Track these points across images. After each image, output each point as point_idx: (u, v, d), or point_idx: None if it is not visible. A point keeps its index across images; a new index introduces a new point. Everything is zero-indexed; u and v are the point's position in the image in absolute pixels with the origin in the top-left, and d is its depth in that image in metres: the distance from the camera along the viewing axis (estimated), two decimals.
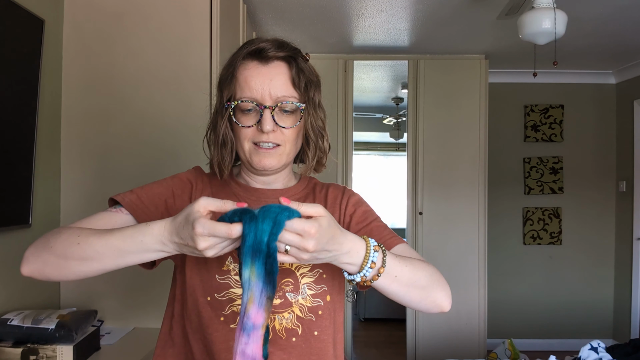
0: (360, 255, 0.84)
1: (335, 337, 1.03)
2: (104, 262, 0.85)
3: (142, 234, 0.82)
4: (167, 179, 1.06)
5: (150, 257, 0.84)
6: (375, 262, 0.85)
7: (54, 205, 1.97)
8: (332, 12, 3.18)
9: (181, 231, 0.78)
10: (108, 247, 0.84)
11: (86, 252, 0.85)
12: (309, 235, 0.75)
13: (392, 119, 6.26)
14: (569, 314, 4.64)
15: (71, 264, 0.86)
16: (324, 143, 1.04)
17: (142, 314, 1.97)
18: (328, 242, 0.78)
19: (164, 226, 0.81)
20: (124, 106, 2.00)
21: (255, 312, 0.74)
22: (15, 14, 1.65)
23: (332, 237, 0.79)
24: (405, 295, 0.92)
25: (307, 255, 0.77)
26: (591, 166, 4.69)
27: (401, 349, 4.32)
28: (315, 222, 0.76)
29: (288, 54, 0.98)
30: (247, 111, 0.97)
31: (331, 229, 0.79)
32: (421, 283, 0.92)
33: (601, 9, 3.07)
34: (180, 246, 0.80)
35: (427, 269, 0.94)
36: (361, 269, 0.84)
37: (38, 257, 0.88)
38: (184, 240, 0.77)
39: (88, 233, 0.86)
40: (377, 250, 0.85)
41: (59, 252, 0.86)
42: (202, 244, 0.75)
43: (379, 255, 0.85)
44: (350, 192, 1.10)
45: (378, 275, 0.86)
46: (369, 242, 0.85)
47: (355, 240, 0.84)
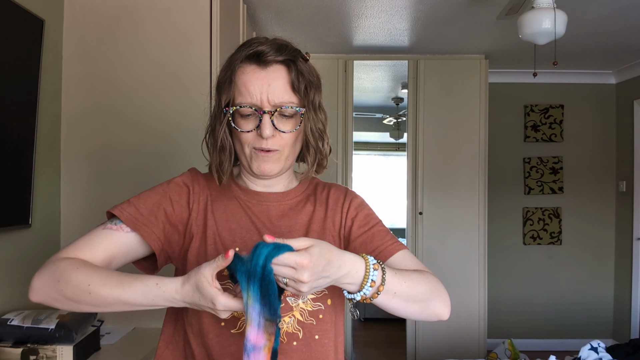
0: (360, 274, 0.84)
1: (336, 341, 1.03)
2: (115, 309, 0.88)
3: (153, 294, 0.84)
4: (162, 184, 1.04)
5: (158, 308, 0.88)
6: (375, 281, 0.84)
7: (54, 205, 1.97)
8: (332, 12, 3.17)
9: (198, 301, 0.82)
10: (119, 300, 0.86)
11: (97, 301, 0.87)
12: (301, 267, 0.76)
13: (392, 119, 6.26)
14: (569, 314, 4.64)
15: (83, 307, 0.89)
16: (324, 145, 1.03)
17: (142, 314, 1.97)
18: (324, 269, 0.79)
19: (175, 290, 0.83)
20: (124, 106, 2.00)
21: (254, 333, 0.76)
22: (15, 14, 1.65)
23: (328, 263, 0.79)
24: (404, 310, 0.92)
25: (305, 287, 0.78)
26: (591, 166, 4.69)
27: (401, 349, 4.32)
28: (306, 253, 0.77)
29: (287, 57, 0.96)
30: (246, 116, 0.96)
31: (324, 255, 0.79)
32: (420, 297, 0.92)
33: (601, 9, 3.07)
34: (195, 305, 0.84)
35: (426, 282, 0.94)
36: (361, 288, 0.84)
37: (47, 294, 0.89)
38: (202, 307, 0.83)
39: (98, 281, 0.87)
40: (376, 268, 0.85)
41: (70, 296, 0.88)
42: (224, 315, 0.82)
43: (378, 274, 0.85)
44: (352, 195, 1.10)
45: (377, 293, 0.86)
46: (368, 260, 0.85)
47: (354, 261, 0.84)
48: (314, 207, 1.06)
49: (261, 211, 1.03)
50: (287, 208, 1.05)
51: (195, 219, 1.01)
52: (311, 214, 1.05)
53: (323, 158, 1.04)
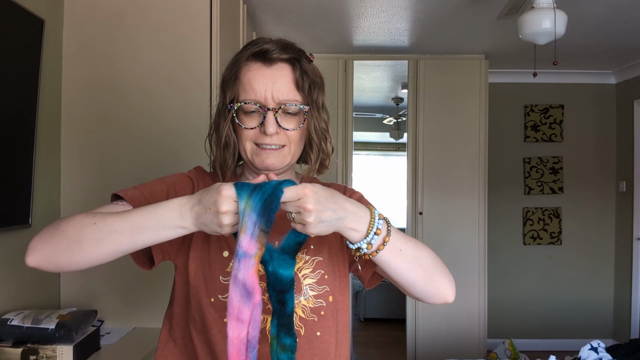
0: (365, 220, 0.85)
1: (337, 338, 1.03)
2: (120, 241, 0.84)
3: (162, 209, 0.84)
4: (169, 176, 1.06)
5: (167, 234, 0.84)
6: (381, 229, 0.85)
7: (54, 205, 1.97)
8: (332, 12, 3.18)
9: (204, 197, 0.81)
10: (126, 224, 0.83)
11: (102, 231, 0.83)
12: (305, 195, 0.79)
13: (392, 119, 6.26)
14: (569, 314, 4.64)
15: (84, 246, 0.84)
16: (327, 145, 1.04)
17: (142, 314, 1.97)
18: (327, 200, 0.81)
19: (185, 199, 0.84)
20: (124, 106, 2.00)
21: (247, 241, 0.78)
22: (15, 14, 1.65)
23: (331, 196, 0.82)
24: (410, 273, 0.91)
25: (311, 217, 0.79)
26: (591, 166, 4.69)
27: (401, 349, 4.32)
28: (307, 184, 0.81)
29: (292, 56, 0.97)
30: (250, 113, 0.96)
31: (326, 190, 0.82)
32: (425, 262, 0.93)
33: (601, 9, 3.07)
34: (200, 215, 0.81)
35: (430, 252, 0.95)
36: (366, 235, 0.85)
37: (47, 244, 0.86)
38: (205, 206, 0.80)
39: (104, 214, 0.86)
40: (382, 218, 0.86)
41: (72, 235, 0.84)
42: (225, 206, 0.78)
43: (383, 224, 0.86)
44: (351, 191, 1.10)
45: (383, 244, 0.86)
46: (374, 210, 0.87)
47: (359, 205, 0.86)
48: None
49: None
50: None
51: None
52: None
53: (326, 158, 1.05)
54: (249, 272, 0.77)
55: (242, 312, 0.77)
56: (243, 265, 0.77)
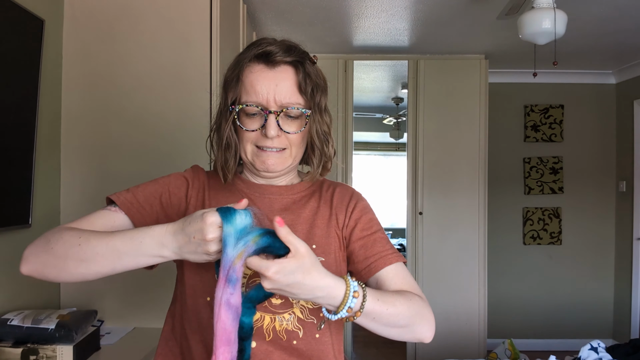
0: (337, 300, 0.82)
1: (333, 339, 1.02)
2: (102, 264, 0.85)
3: (142, 235, 0.83)
4: (163, 177, 1.05)
5: (145, 261, 0.85)
6: (352, 308, 0.83)
7: (54, 205, 1.97)
8: (332, 12, 3.17)
9: (187, 227, 0.80)
10: (107, 248, 0.84)
11: (86, 253, 0.85)
12: (264, 276, 0.76)
13: (392, 119, 6.26)
14: (569, 314, 4.64)
15: (69, 265, 0.86)
16: (329, 148, 1.03)
17: (142, 314, 1.97)
18: (290, 286, 0.77)
19: (166, 228, 0.83)
20: (124, 106, 2.00)
21: (239, 266, 0.77)
22: (15, 14, 1.65)
23: (297, 283, 0.77)
24: (383, 332, 0.91)
25: (266, 284, 0.77)
26: (591, 166, 4.69)
27: (401, 349, 4.32)
28: (274, 266, 0.75)
29: (295, 59, 0.96)
30: (251, 115, 0.96)
31: (297, 275, 0.77)
32: (402, 323, 0.91)
33: (601, 9, 3.07)
34: (183, 245, 0.81)
35: (412, 307, 0.92)
36: (337, 312, 0.83)
37: (37, 257, 0.88)
38: (189, 235, 0.80)
39: (89, 234, 0.87)
40: (356, 296, 0.82)
41: (59, 253, 0.86)
42: (212, 233, 0.78)
43: (357, 301, 0.83)
44: (358, 196, 1.09)
45: (354, 317, 0.85)
46: (349, 287, 0.82)
47: (334, 287, 0.82)
48: (318, 203, 1.06)
49: (264, 204, 1.03)
50: (291, 202, 1.04)
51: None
52: (315, 210, 1.04)
53: (327, 161, 1.04)
54: (239, 296, 0.78)
55: (231, 335, 0.78)
56: (236, 291, 0.77)
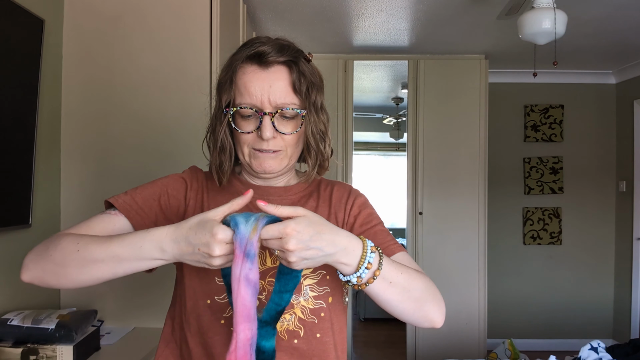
0: (356, 254, 0.82)
1: (335, 339, 1.01)
2: (102, 269, 0.84)
3: (141, 240, 0.82)
4: (162, 178, 1.05)
5: (145, 265, 0.84)
6: (372, 263, 0.82)
7: (54, 205, 1.97)
8: (332, 12, 3.18)
9: (193, 237, 0.77)
10: (107, 253, 0.83)
11: (85, 259, 0.84)
12: (286, 235, 0.75)
13: (392, 119, 6.26)
14: (569, 314, 4.64)
15: (69, 271, 0.86)
16: (325, 148, 1.02)
17: (142, 314, 1.97)
18: (312, 239, 0.77)
19: (166, 232, 0.81)
20: (124, 106, 2.00)
21: (255, 241, 0.75)
22: (15, 14, 1.65)
23: (317, 234, 0.77)
24: (399, 304, 0.89)
25: (293, 257, 0.76)
26: (591, 166, 4.69)
27: (401, 349, 4.32)
28: (291, 222, 0.76)
29: (289, 58, 0.94)
30: (246, 117, 0.95)
31: (314, 226, 0.77)
32: (416, 294, 0.90)
33: (601, 9, 3.07)
34: (184, 253, 0.79)
35: (423, 280, 0.92)
36: (357, 269, 0.82)
37: (37, 265, 0.88)
38: (194, 246, 0.77)
39: (87, 240, 0.86)
40: (374, 251, 0.83)
41: (58, 260, 0.86)
42: (219, 250, 0.75)
43: (375, 257, 0.83)
44: (356, 193, 1.09)
45: (374, 278, 0.83)
46: (366, 242, 0.83)
47: (351, 238, 0.82)
48: (317, 203, 1.05)
49: None
50: (289, 203, 1.04)
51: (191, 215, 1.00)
52: (314, 210, 1.03)
53: (324, 160, 1.03)
54: (257, 271, 0.76)
55: (251, 311, 0.75)
56: (254, 266, 0.75)
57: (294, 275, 0.81)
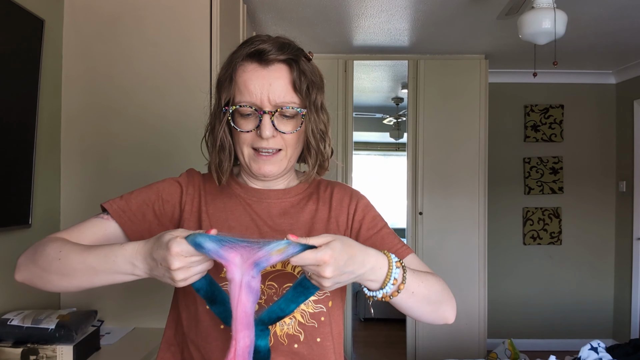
0: (383, 271, 0.84)
1: (334, 342, 1.01)
2: (79, 279, 0.85)
3: (114, 254, 0.82)
4: (157, 182, 1.04)
5: (120, 278, 0.84)
6: (397, 279, 0.85)
7: (54, 205, 1.97)
8: (332, 12, 3.17)
9: (155, 251, 0.77)
10: (85, 264, 0.84)
11: (66, 268, 0.85)
12: (324, 263, 0.76)
13: (392, 119, 6.26)
14: (569, 314, 4.64)
15: (52, 278, 0.87)
16: (325, 147, 1.01)
17: (142, 314, 1.97)
18: (346, 264, 0.78)
19: (136, 248, 0.81)
20: (124, 106, 2.00)
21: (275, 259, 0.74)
22: (15, 14, 1.65)
23: (350, 258, 0.79)
24: (418, 310, 0.93)
25: (328, 283, 0.78)
26: (591, 166, 4.69)
27: (401, 349, 4.32)
28: (328, 249, 0.76)
29: (289, 57, 0.93)
30: (246, 115, 0.94)
31: (347, 250, 0.79)
32: (434, 298, 0.94)
33: (601, 9, 3.07)
34: (152, 268, 0.79)
35: (439, 283, 0.96)
36: (383, 286, 0.84)
37: (26, 267, 0.90)
38: (157, 261, 0.77)
39: (69, 249, 0.87)
40: (398, 266, 0.85)
41: (43, 266, 0.88)
42: (176, 263, 0.74)
43: (400, 272, 0.85)
44: (358, 196, 1.08)
45: (398, 292, 0.86)
46: (391, 258, 0.85)
47: (378, 257, 0.84)
48: (316, 205, 1.04)
49: (262, 209, 1.02)
50: (289, 206, 1.03)
51: (187, 221, 1.00)
52: (314, 213, 1.03)
53: (324, 160, 1.02)
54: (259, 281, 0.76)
55: (251, 319, 0.76)
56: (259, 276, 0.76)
57: (311, 292, 0.83)
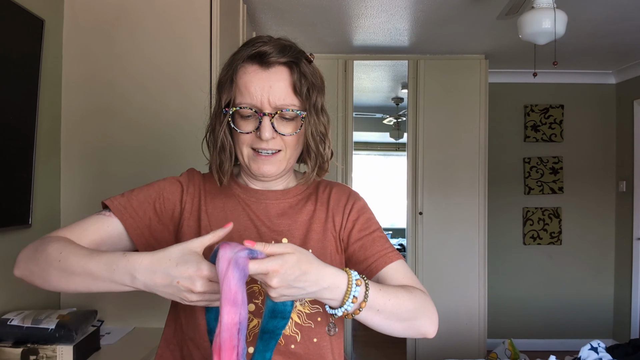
0: (341, 289, 0.81)
1: (332, 343, 1.01)
2: (77, 282, 0.85)
3: (116, 263, 0.81)
4: (159, 181, 1.04)
5: (116, 288, 0.83)
6: (357, 297, 0.82)
7: (54, 205, 1.97)
8: (332, 12, 3.17)
9: (174, 269, 0.76)
10: (84, 269, 0.84)
11: (64, 269, 0.85)
12: (273, 271, 0.75)
13: (392, 119, 6.26)
14: (569, 314, 4.64)
15: (51, 278, 0.87)
16: (325, 149, 1.01)
17: (142, 314, 1.97)
18: (297, 280, 0.77)
19: (141, 260, 0.79)
20: (124, 106, 2.00)
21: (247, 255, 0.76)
22: (15, 14, 1.65)
23: (303, 274, 0.77)
24: (387, 327, 0.90)
25: (273, 293, 0.76)
26: (591, 166, 4.69)
27: (401, 349, 4.32)
28: (279, 259, 0.75)
29: (290, 59, 0.93)
30: (246, 117, 0.95)
31: (301, 266, 0.77)
32: (405, 315, 0.90)
33: (601, 9, 3.07)
34: (157, 285, 0.78)
35: (414, 299, 0.91)
36: (342, 304, 0.82)
37: (26, 264, 0.90)
38: (174, 278, 0.76)
39: (70, 251, 0.86)
40: (359, 284, 0.83)
41: (42, 266, 0.87)
42: (201, 286, 0.75)
43: (361, 290, 0.83)
44: (355, 197, 1.08)
45: (359, 310, 0.84)
46: (351, 276, 0.83)
47: (336, 275, 0.81)
48: (314, 206, 1.05)
49: (260, 209, 1.02)
50: (287, 207, 1.04)
51: (187, 220, 1.01)
52: (312, 214, 1.04)
53: (324, 162, 1.02)
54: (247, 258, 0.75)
55: (237, 296, 0.75)
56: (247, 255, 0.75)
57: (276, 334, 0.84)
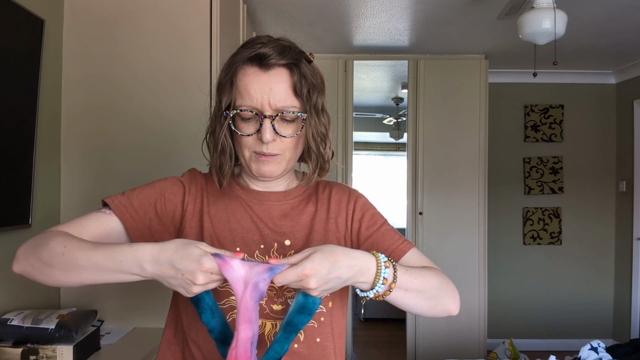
0: (371, 272, 0.85)
1: (335, 343, 1.02)
2: (83, 275, 0.85)
3: (123, 254, 0.82)
4: (160, 180, 1.04)
5: (124, 278, 0.84)
6: (387, 278, 0.85)
7: (54, 205, 1.97)
8: (332, 12, 3.18)
9: (179, 262, 0.78)
10: (90, 262, 0.84)
11: (69, 263, 0.85)
12: (305, 276, 0.78)
13: (392, 119, 6.26)
14: (569, 314, 4.64)
15: (54, 272, 0.87)
16: (325, 150, 1.01)
17: (142, 314, 1.97)
18: (330, 272, 0.80)
19: (149, 251, 0.81)
20: (124, 106, 2.00)
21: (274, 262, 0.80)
22: (15, 14, 1.65)
23: (334, 264, 0.80)
24: (416, 306, 0.93)
25: (316, 292, 0.80)
26: (591, 166, 4.69)
27: (401, 349, 4.32)
28: (308, 262, 0.79)
29: (290, 61, 0.93)
30: (246, 119, 0.94)
31: (328, 258, 0.80)
32: (431, 293, 0.94)
33: (601, 9, 3.07)
34: (165, 275, 0.80)
35: (436, 277, 0.95)
36: (373, 286, 0.85)
37: (26, 260, 0.89)
38: (178, 271, 0.78)
39: (74, 245, 0.86)
40: (387, 266, 0.86)
41: (45, 260, 0.87)
42: (203, 279, 0.77)
43: (389, 271, 0.86)
44: (356, 195, 1.08)
45: (390, 290, 0.87)
46: (379, 258, 0.86)
47: (364, 258, 0.85)
48: (315, 207, 1.05)
49: (262, 211, 1.02)
50: (289, 208, 1.04)
51: (189, 221, 1.00)
52: (313, 214, 1.04)
53: (325, 162, 1.02)
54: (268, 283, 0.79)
55: (252, 314, 0.79)
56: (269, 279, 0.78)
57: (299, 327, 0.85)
